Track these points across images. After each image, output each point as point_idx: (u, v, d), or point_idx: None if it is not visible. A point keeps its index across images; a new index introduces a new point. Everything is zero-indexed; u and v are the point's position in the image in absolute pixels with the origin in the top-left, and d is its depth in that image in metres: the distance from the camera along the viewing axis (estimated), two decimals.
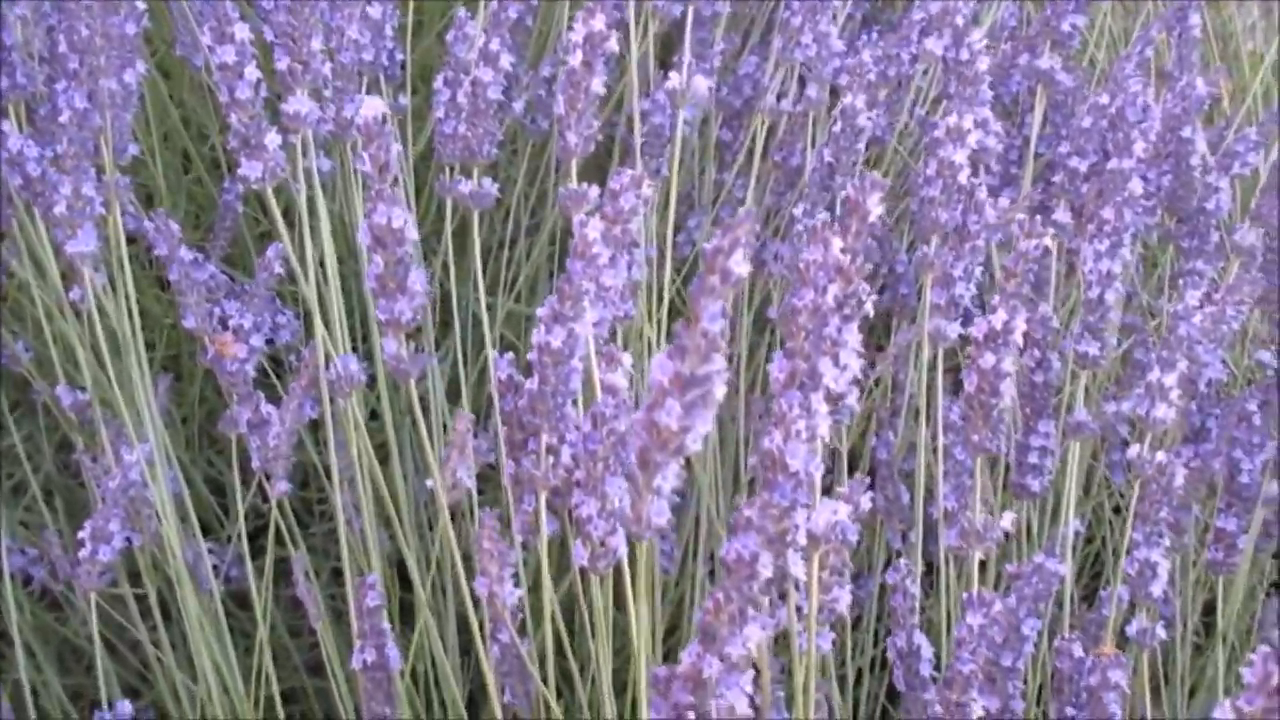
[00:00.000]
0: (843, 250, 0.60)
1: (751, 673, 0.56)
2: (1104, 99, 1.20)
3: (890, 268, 1.33)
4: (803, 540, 0.63)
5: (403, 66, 1.36)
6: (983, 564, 1.21)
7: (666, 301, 1.16)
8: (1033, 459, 1.11)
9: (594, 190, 0.77)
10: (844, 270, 0.60)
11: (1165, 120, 1.28)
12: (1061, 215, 1.20)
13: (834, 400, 0.62)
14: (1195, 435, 1.20)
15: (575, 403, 0.78)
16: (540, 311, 0.71)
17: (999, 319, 0.70)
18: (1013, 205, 1.06)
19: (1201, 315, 1.02)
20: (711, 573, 1.19)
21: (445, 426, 1.26)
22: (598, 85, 0.79)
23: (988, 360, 0.71)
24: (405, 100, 1.32)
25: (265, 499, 1.14)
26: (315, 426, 1.25)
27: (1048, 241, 0.74)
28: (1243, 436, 1.10)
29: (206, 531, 1.38)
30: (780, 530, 0.61)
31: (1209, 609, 1.34)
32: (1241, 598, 1.14)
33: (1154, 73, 1.50)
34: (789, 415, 0.58)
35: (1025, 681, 1.05)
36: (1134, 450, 0.99)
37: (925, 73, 1.43)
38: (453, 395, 1.31)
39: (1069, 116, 1.32)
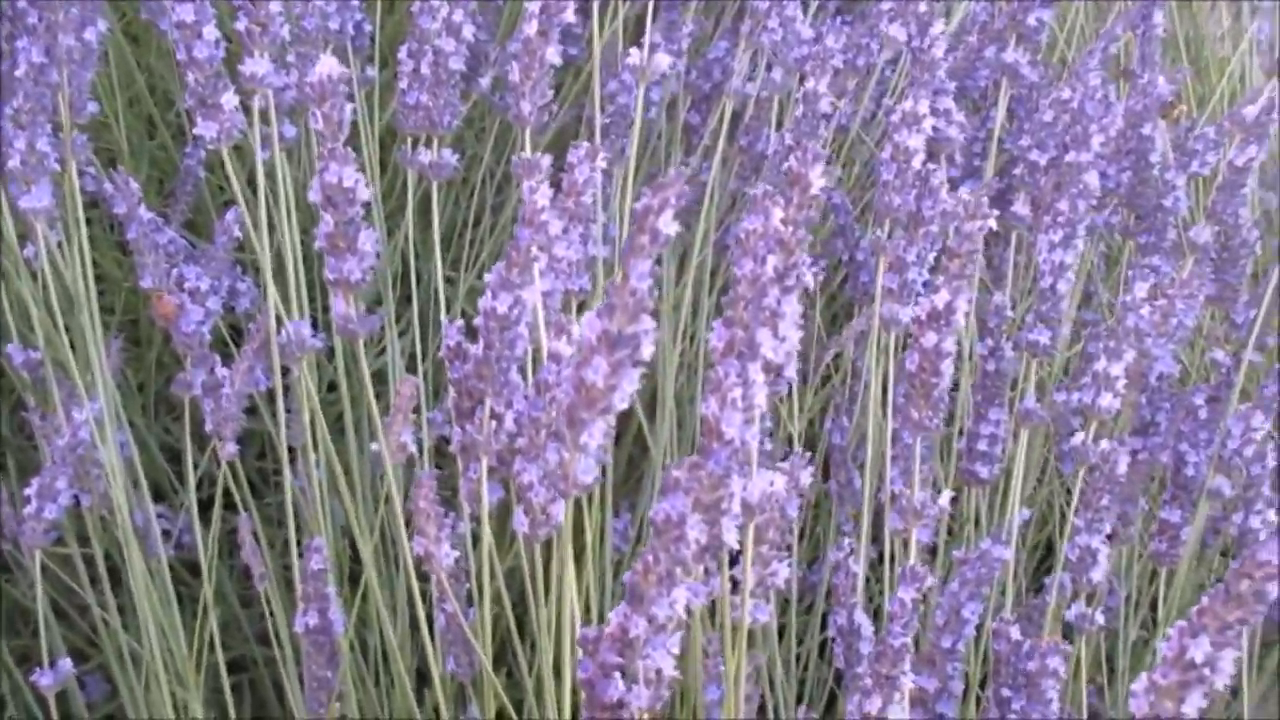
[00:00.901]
0: (783, 221, 0.60)
1: (679, 635, 0.57)
2: (1065, 94, 1.21)
3: (852, 255, 1.34)
4: (737, 509, 0.63)
5: (372, 39, 1.36)
6: (934, 551, 1.23)
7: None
8: (982, 446, 1.12)
9: (546, 159, 0.78)
10: (785, 242, 0.61)
11: (1127, 117, 1.29)
12: (1021, 207, 1.21)
13: (773, 371, 0.62)
14: (1145, 428, 1.22)
15: (524, 371, 0.78)
16: (488, 278, 0.71)
17: (941, 299, 0.71)
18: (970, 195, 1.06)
19: (1150, 309, 1.04)
20: None
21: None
22: (552, 54, 0.80)
23: (930, 339, 0.72)
24: (373, 72, 1.32)
25: (219, 465, 1.14)
26: (274, 397, 1.26)
27: (992, 224, 0.75)
28: (1189, 430, 1.12)
29: (161, 498, 1.38)
30: (715, 498, 0.62)
31: (1157, 603, 1.36)
32: (1185, 590, 1.16)
33: (1120, 71, 1.51)
34: (725, 383, 0.59)
35: (969, 664, 1.06)
36: (1078, 438, 1.00)
37: (894, 64, 1.44)
38: (413, 369, 1.31)
39: (1033, 110, 1.34)
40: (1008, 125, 1.46)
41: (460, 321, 0.80)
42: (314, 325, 1.35)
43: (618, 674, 0.58)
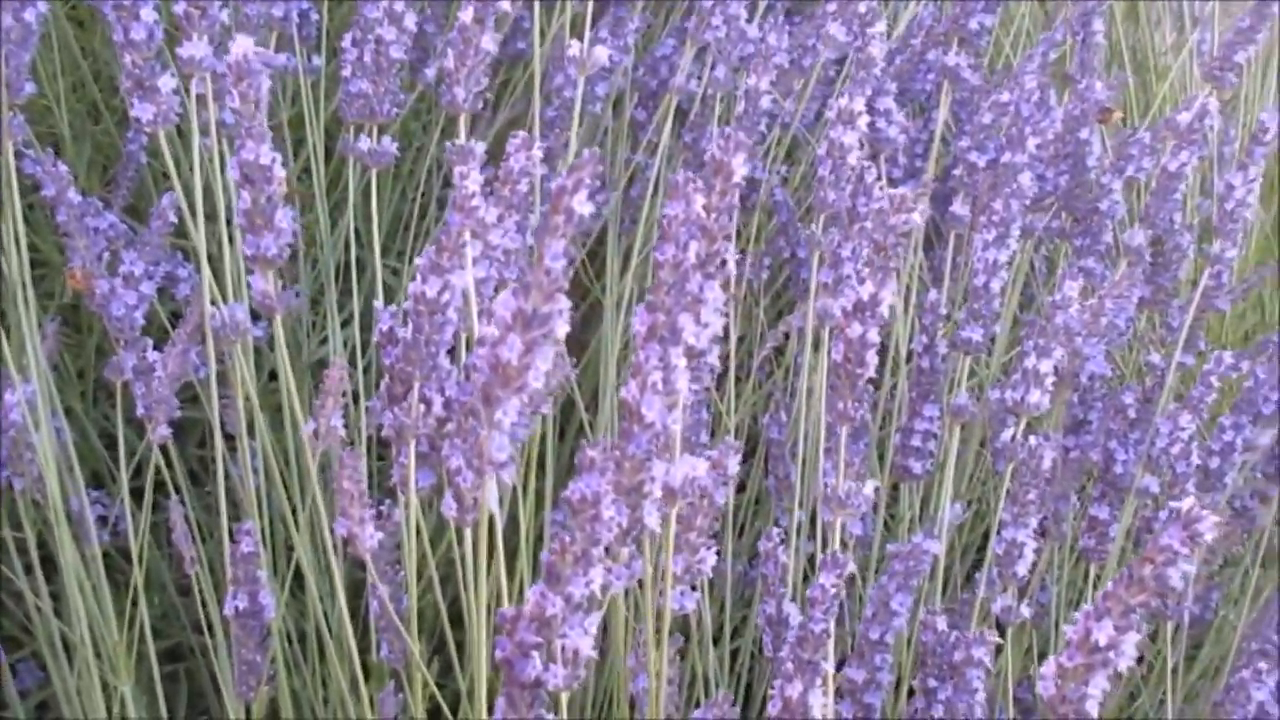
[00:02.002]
0: (705, 208, 0.61)
1: (597, 615, 0.57)
2: (1004, 96, 1.23)
3: (794, 252, 1.35)
4: (658, 493, 0.64)
5: (319, 28, 1.36)
6: (868, 544, 1.24)
7: (569, 272, 1.17)
8: (916, 442, 1.14)
9: (480, 147, 0.78)
10: (707, 228, 0.62)
11: (1065, 122, 1.31)
12: (959, 207, 1.23)
13: (695, 356, 0.63)
14: (1078, 427, 1.24)
15: (455, 357, 0.79)
16: (418, 262, 0.71)
17: (866, 291, 0.72)
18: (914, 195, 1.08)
19: (1081, 309, 1.06)
20: None
21: (343, 391, 1.26)
22: (488, 43, 0.80)
23: (855, 331, 0.73)
24: (319, 61, 1.32)
25: (162, 454, 1.13)
26: (214, 385, 1.25)
27: (916, 218, 0.76)
28: (1118, 429, 1.14)
29: (101, 485, 1.37)
30: (636, 481, 0.63)
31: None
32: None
33: (1061, 76, 1.53)
34: (646, 367, 0.60)
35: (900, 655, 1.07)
36: (1007, 434, 1.02)
37: (841, 65, 1.45)
38: (355, 359, 1.31)
39: (974, 113, 1.35)
40: (951, 127, 1.48)
41: (394, 308, 0.81)
42: (255, 315, 1.34)
43: (535, 653, 0.58)
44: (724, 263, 0.63)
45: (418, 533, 0.95)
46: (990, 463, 1.32)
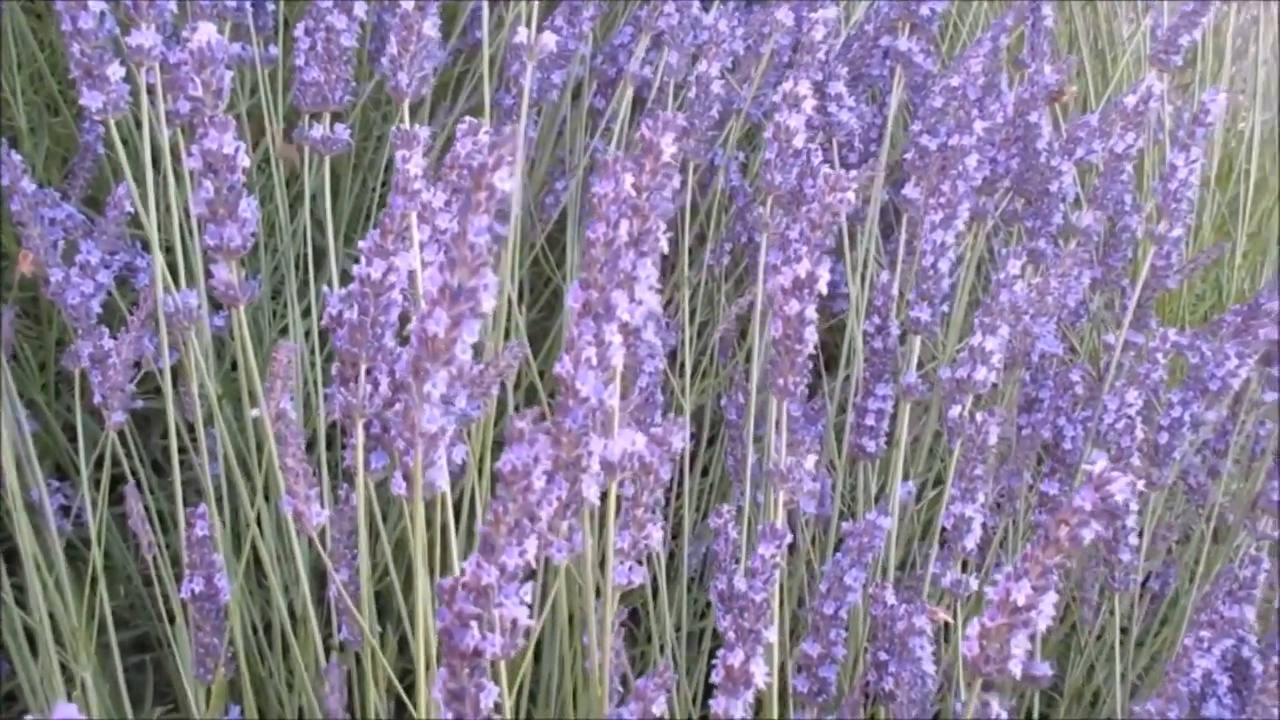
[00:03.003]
0: (636, 188, 0.62)
1: (531, 584, 0.59)
2: (954, 81, 1.25)
3: (750, 237, 1.36)
4: (596, 467, 0.65)
5: (275, 19, 1.36)
6: (826, 524, 1.26)
7: (529, 258, 1.19)
8: (870, 421, 1.16)
9: (425, 131, 0.79)
10: (639, 207, 0.63)
11: (1016, 105, 1.33)
12: (911, 190, 1.25)
13: (630, 333, 0.64)
14: (1031, 406, 1.26)
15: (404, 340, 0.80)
16: (362, 244, 0.72)
17: (803, 268, 0.74)
18: (855, 176, 1.09)
19: (1026, 286, 1.07)
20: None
21: (305, 379, 1.28)
22: (429, 28, 0.81)
23: (793, 307, 0.74)
24: (276, 50, 1.32)
25: (123, 444, 1.14)
26: (178, 377, 1.26)
27: (850, 196, 0.77)
28: (1067, 406, 1.16)
29: (65, 477, 1.37)
30: (574, 456, 0.64)
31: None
32: None
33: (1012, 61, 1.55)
34: (579, 343, 0.61)
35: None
36: (954, 411, 1.04)
37: (794, 52, 1.47)
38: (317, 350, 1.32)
39: (927, 97, 1.37)
40: (908, 113, 1.50)
41: (342, 292, 0.82)
42: (217, 305, 1.35)
43: (474, 623, 0.60)
44: (658, 241, 0.65)
45: (375, 514, 0.97)
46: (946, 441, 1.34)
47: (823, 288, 0.75)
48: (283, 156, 1.15)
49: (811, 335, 0.75)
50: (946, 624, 1.10)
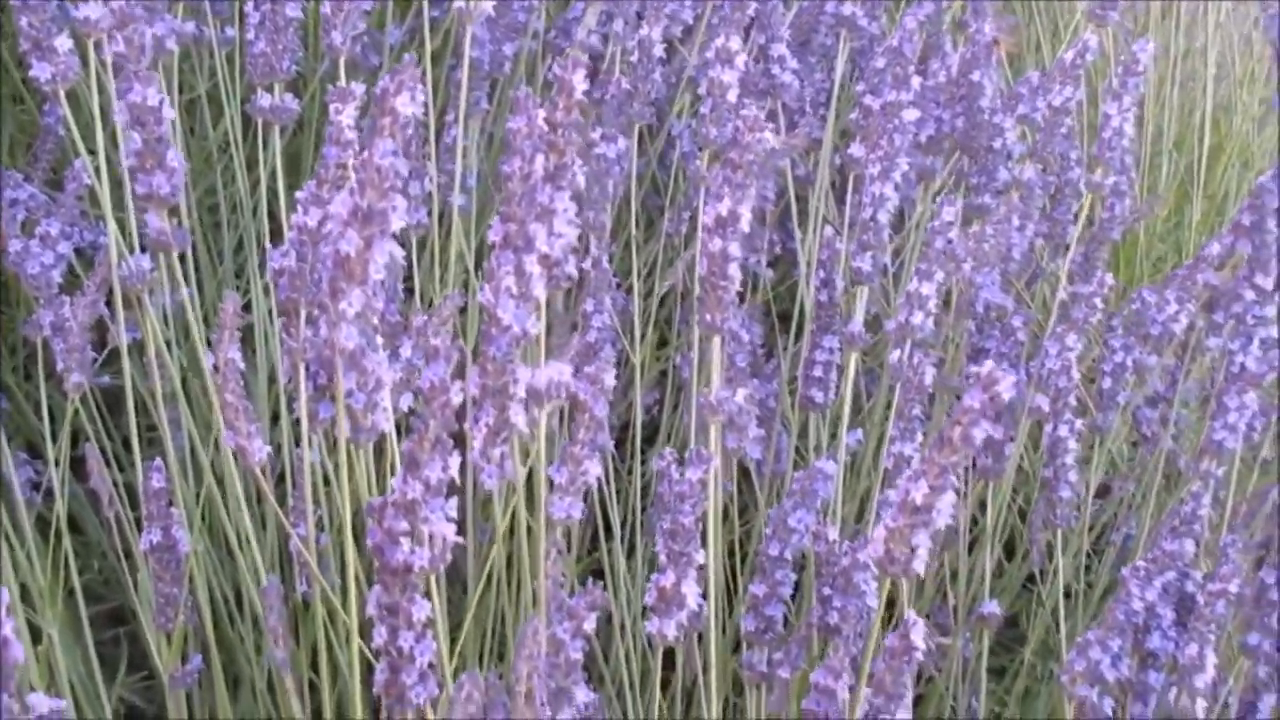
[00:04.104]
0: (550, 124, 0.65)
1: (455, 499, 0.62)
2: (894, 41, 1.28)
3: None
4: (522, 394, 0.68)
5: (231, 3, 1.39)
6: (783, 481, 1.29)
7: (473, 220, 1.21)
8: (818, 373, 1.19)
9: (360, 88, 0.82)
10: (554, 143, 0.66)
11: (960, 64, 1.36)
12: (856, 149, 1.28)
13: (551, 266, 0.67)
14: (977, 355, 1.29)
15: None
16: (299, 195, 0.75)
17: (725, 206, 0.77)
18: (792, 133, 1.13)
19: (963, 235, 1.10)
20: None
21: (266, 351, 1.30)
22: None
23: (716, 245, 0.77)
24: (233, 32, 1.35)
25: (92, 422, 1.17)
26: (143, 350, 1.29)
27: (769, 137, 0.80)
28: (1009, 351, 1.19)
29: (38, 456, 1.40)
30: (500, 383, 0.67)
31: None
32: (1006, 501, 1.23)
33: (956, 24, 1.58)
34: (499, 273, 0.64)
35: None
36: (894, 355, 1.07)
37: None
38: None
39: (871, 60, 1.40)
40: (856, 77, 1.52)
41: (285, 247, 0.84)
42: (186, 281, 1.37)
43: (404, 539, 0.63)
44: (575, 177, 0.67)
45: (326, 465, 1.00)
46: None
47: (745, 225, 0.78)
48: None
49: (736, 273, 0.78)
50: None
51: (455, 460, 0.60)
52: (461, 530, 1.24)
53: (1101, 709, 1.07)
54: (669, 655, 1.29)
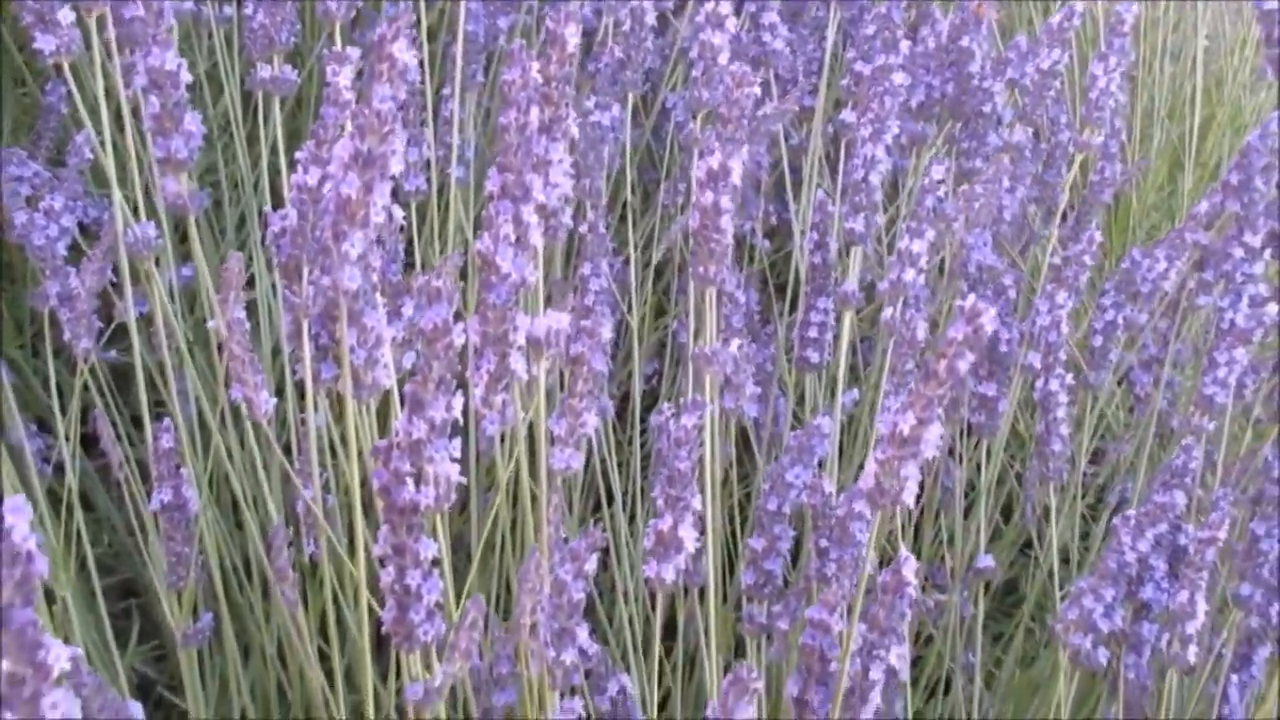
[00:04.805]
0: (545, 77, 0.67)
1: (459, 440, 0.63)
2: (882, 8, 1.30)
3: None
4: (521, 341, 0.70)
5: None
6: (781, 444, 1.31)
7: (471, 191, 1.23)
8: (813, 334, 1.20)
9: (355, 52, 0.83)
10: (548, 95, 0.67)
11: (950, 30, 1.38)
12: (848, 115, 1.30)
13: (548, 216, 0.69)
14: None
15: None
16: (299, 154, 0.77)
17: (716, 160, 0.78)
18: (784, 98, 1.14)
19: (954, 195, 1.12)
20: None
21: (271, 326, 1.32)
22: None
23: (708, 198, 0.79)
24: (230, 10, 1.37)
25: (101, 397, 1.19)
26: (150, 323, 1.31)
27: (756, 90, 0.82)
28: (1002, 310, 1.21)
29: (48, 430, 1.42)
30: (501, 331, 0.69)
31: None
32: (1001, 461, 1.25)
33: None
34: (497, 221, 0.66)
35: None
36: (886, 312, 1.08)
37: None
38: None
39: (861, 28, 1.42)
40: (848, 46, 1.54)
41: (286, 209, 0.86)
42: (186, 256, 1.39)
43: (409, 480, 0.65)
44: (569, 128, 0.69)
45: (331, 427, 1.02)
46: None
47: (736, 179, 0.79)
48: None
49: (729, 225, 0.80)
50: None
51: (458, 401, 0.62)
52: (465, 504, 1.26)
53: (1096, 658, 1.09)
54: (670, 625, 1.32)
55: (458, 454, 0.63)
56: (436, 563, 0.67)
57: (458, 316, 0.65)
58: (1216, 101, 2.18)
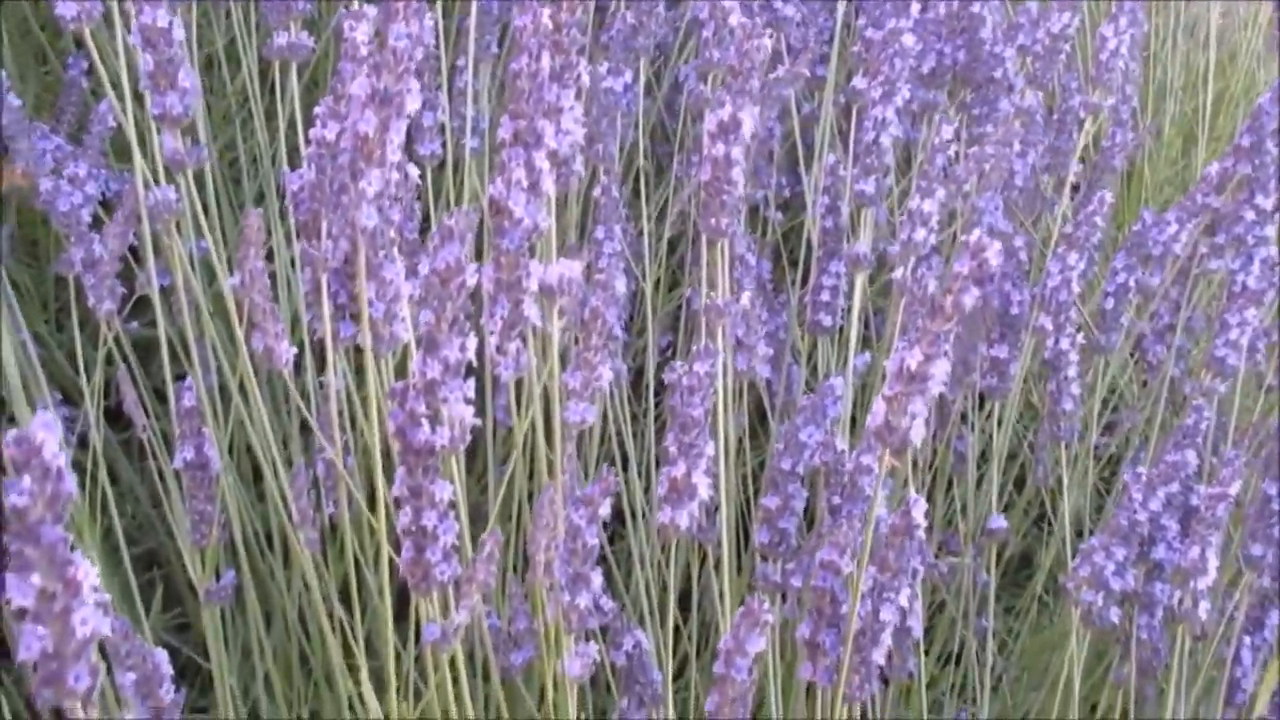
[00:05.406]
0: (555, 23, 0.68)
1: (473, 380, 0.65)
2: None
3: None
4: (534, 288, 0.71)
5: None
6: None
7: (486, 161, 1.24)
8: (825, 297, 1.21)
9: (372, 10, 0.85)
10: (559, 43, 0.69)
11: None
12: (859, 81, 1.30)
13: (560, 163, 0.70)
14: (983, 281, 1.31)
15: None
16: (317, 109, 0.78)
17: (726, 112, 0.79)
18: (795, 62, 1.15)
19: (964, 156, 1.13)
20: None
21: (289, 302, 1.34)
22: None
23: (719, 150, 0.80)
24: None
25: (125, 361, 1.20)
26: (166, 296, 1.32)
27: (766, 42, 0.83)
28: (1012, 271, 1.21)
29: (71, 403, 1.45)
30: (514, 277, 0.70)
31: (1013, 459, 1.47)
32: (1013, 429, 1.26)
33: None
34: (509, 166, 0.67)
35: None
36: (898, 272, 1.09)
37: None
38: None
39: None
40: (858, 15, 1.54)
41: (303, 169, 0.88)
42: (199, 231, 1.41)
43: (425, 421, 0.66)
44: (580, 76, 0.70)
45: (351, 389, 1.03)
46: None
47: (747, 131, 0.80)
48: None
49: (739, 177, 0.81)
50: None
51: (472, 342, 0.63)
52: (483, 474, 1.26)
53: (1107, 616, 1.10)
54: (684, 597, 1.33)
55: (472, 394, 0.65)
56: (453, 505, 0.68)
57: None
58: (1230, 75, 2.18)
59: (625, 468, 1.28)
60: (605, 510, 0.73)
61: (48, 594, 0.46)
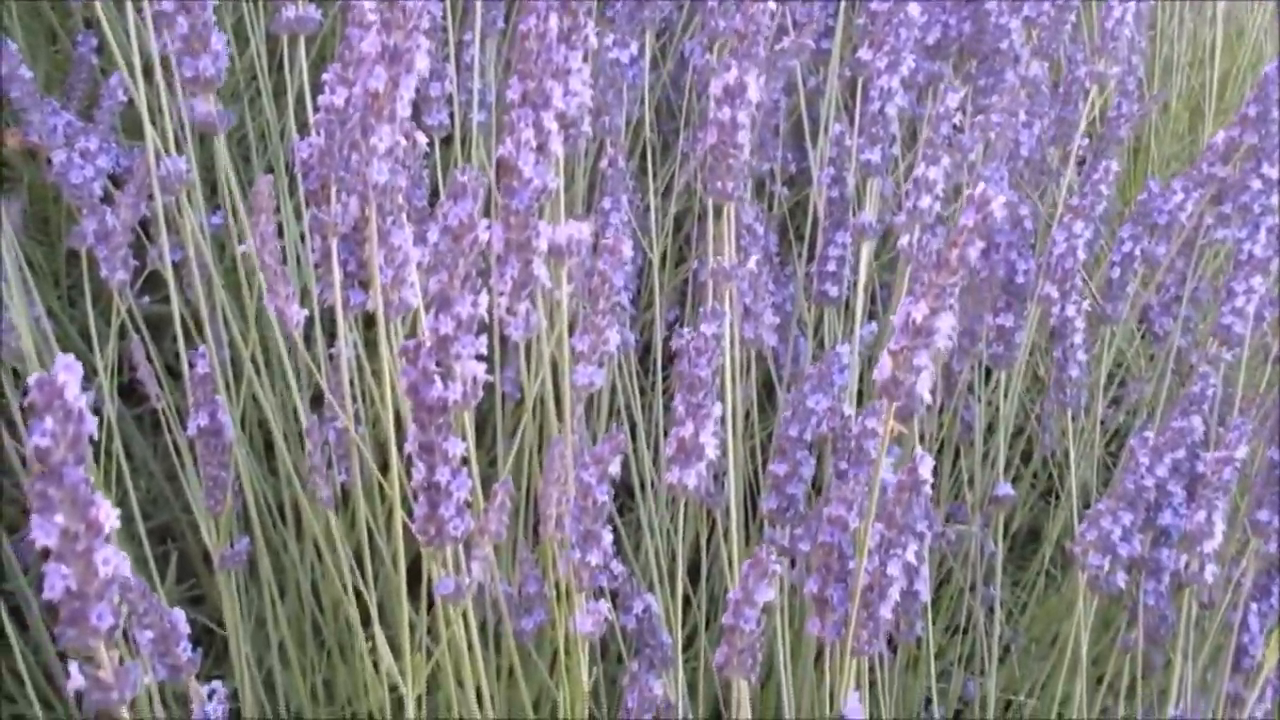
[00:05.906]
0: None
1: (484, 338, 0.66)
2: None
3: None
4: (544, 248, 0.72)
5: None
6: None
7: (493, 134, 1.25)
8: (831, 267, 1.22)
9: None
10: (567, 4, 0.69)
11: None
12: (864, 53, 1.31)
13: (568, 125, 0.71)
14: (987, 250, 1.32)
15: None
16: (326, 76, 0.79)
17: (733, 76, 0.80)
18: (800, 32, 1.16)
19: (969, 125, 1.13)
20: None
21: (299, 275, 1.35)
22: None
23: (725, 114, 0.81)
24: None
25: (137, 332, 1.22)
26: (179, 272, 1.33)
27: (772, 4, 0.83)
28: (1018, 241, 1.22)
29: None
30: (524, 238, 0.71)
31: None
32: (1019, 391, 1.26)
33: None
34: (518, 127, 0.68)
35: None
36: (904, 240, 1.10)
37: None
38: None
39: None
40: None
41: (311, 138, 0.88)
42: (216, 206, 1.42)
43: (437, 378, 0.67)
44: (587, 39, 0.71)
45: (361, 357, 1.04)
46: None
47: (753, 95, 0.81)
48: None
49: (744, 140, 0.82)
50: None
51: (484, 298, 0.64)
52: (492, 446, 1.26)
53: (1114, 581, 1.11)
54: (693, 570, 1.34)
55: (484, 350, 0.66)
56: (465, 461, 0.69)
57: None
58: (1238, 51, 2.17)
59: (634, 439, 1.29)
60: (615, 469, 0.74)
61: (71, 534, 0.47)
